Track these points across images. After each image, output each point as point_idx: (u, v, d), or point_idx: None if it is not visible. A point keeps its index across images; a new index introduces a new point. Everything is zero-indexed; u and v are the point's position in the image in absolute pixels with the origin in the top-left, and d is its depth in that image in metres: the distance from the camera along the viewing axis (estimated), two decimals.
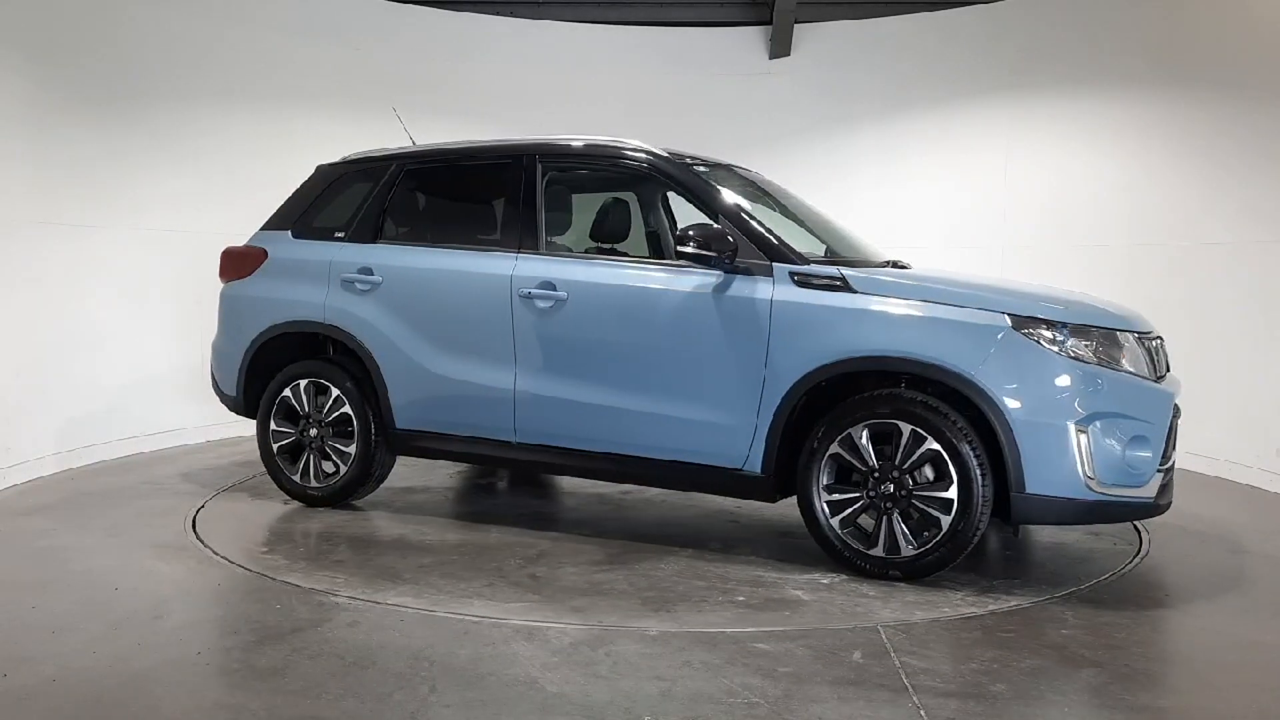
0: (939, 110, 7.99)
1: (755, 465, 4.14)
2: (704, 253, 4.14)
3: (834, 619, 3.57)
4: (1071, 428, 3.73)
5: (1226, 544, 4.77)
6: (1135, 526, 4.95)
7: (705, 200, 4.41)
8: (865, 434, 3.96)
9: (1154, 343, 4.16)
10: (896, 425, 3.90)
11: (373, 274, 4.89)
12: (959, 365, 3.81)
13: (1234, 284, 6.26)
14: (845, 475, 4.04)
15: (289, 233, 5.25)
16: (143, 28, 6.57)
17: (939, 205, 7.89)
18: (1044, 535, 4.75)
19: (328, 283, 5.01)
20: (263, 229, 5.38)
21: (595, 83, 8.34)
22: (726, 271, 4.19)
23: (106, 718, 2.75)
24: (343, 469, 5.00)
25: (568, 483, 5.80)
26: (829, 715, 2.78)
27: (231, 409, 5.41)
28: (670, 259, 4.59)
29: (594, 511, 5.20)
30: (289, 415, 5.11)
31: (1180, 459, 6.53)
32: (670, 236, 5.40)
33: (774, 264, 4.15)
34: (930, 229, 7.79)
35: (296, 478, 5.08)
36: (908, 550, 3.92)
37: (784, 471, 4.16)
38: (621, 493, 5.51)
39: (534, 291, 4.49)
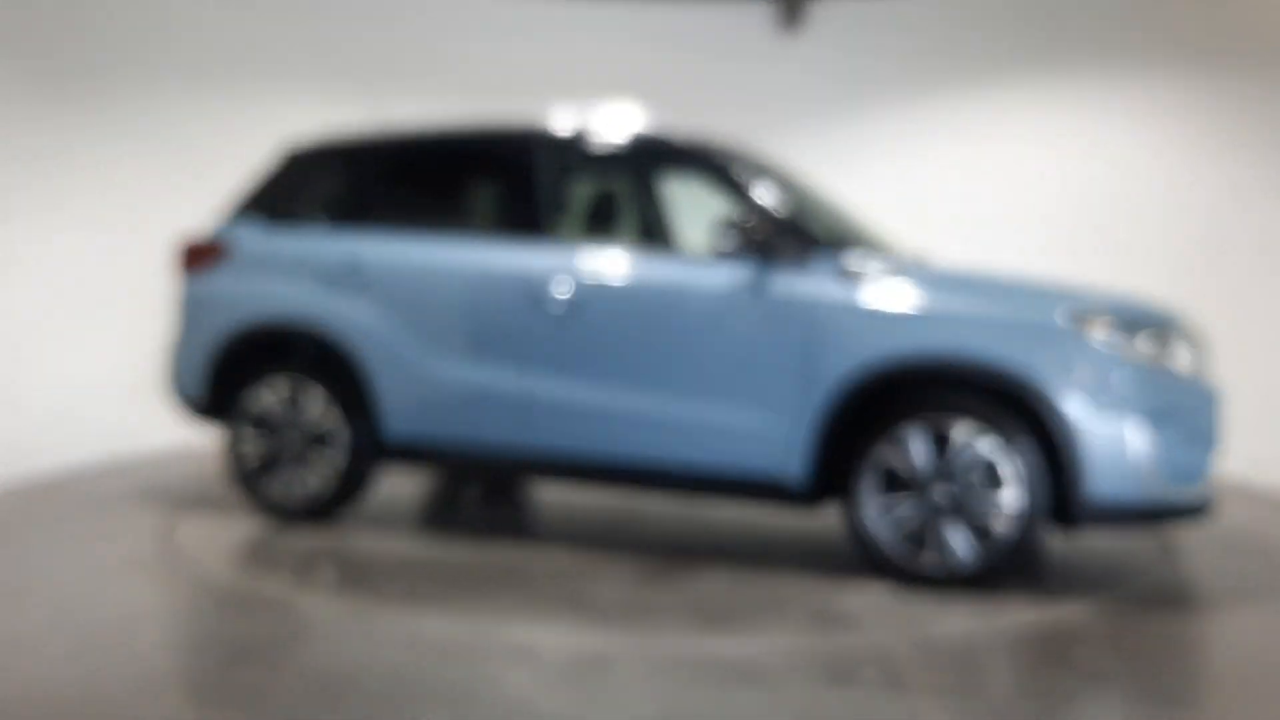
0: (958, 90, 7.73)
1: (795, 472, 3.90)
2: (746, 245, 3.92)
3: (888, 631, 3.40)
4: (1130, 427, 3.62)
5: (1229, 546, 4.60)
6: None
7: (740, 189, 4.15)
8: (917, 437, 3.76)
9: (1197, 340, 4.05)
10: (950, 428, 3.72)
11: (360, 268, 4.51)
12: (1016, 365, 3.66)
13: (1239, 283, 6.06)
14: (893, 481, 3.81)
15: (259, 222, 4.85)
16: (123, 12, 6.36)
17: (960, 193, 7.63)
18: (1061, 540, 4.57)
19: (306, 277, 4.62)
20: (227, 219, 4.94)
21: (598, 62, 8.12)
22: (765, 265, 3.96)
23: None
24: (326, 480, 4.58)
25: (546, 493, 5.50)
26: (829, 715, 2.70)
27: (194, 412, 4.90)
28: (668, 248, 4.50)
29: (588, 524, 5.03)
30: (263, 422, 4.66)
31: None
32: (665, 226, 5.13)
33: (814, 257, 3.95)
34: (950, 219, 7.52)
35: (272, 491, 4.66)
36: (963, 557, 3.72)
37: (825, 478, 3.92)
38: (616, 502, 5.32)
39: (552, 286, 4.20)
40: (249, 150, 5.30)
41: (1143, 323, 3.79)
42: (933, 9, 7.90)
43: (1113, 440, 3.61)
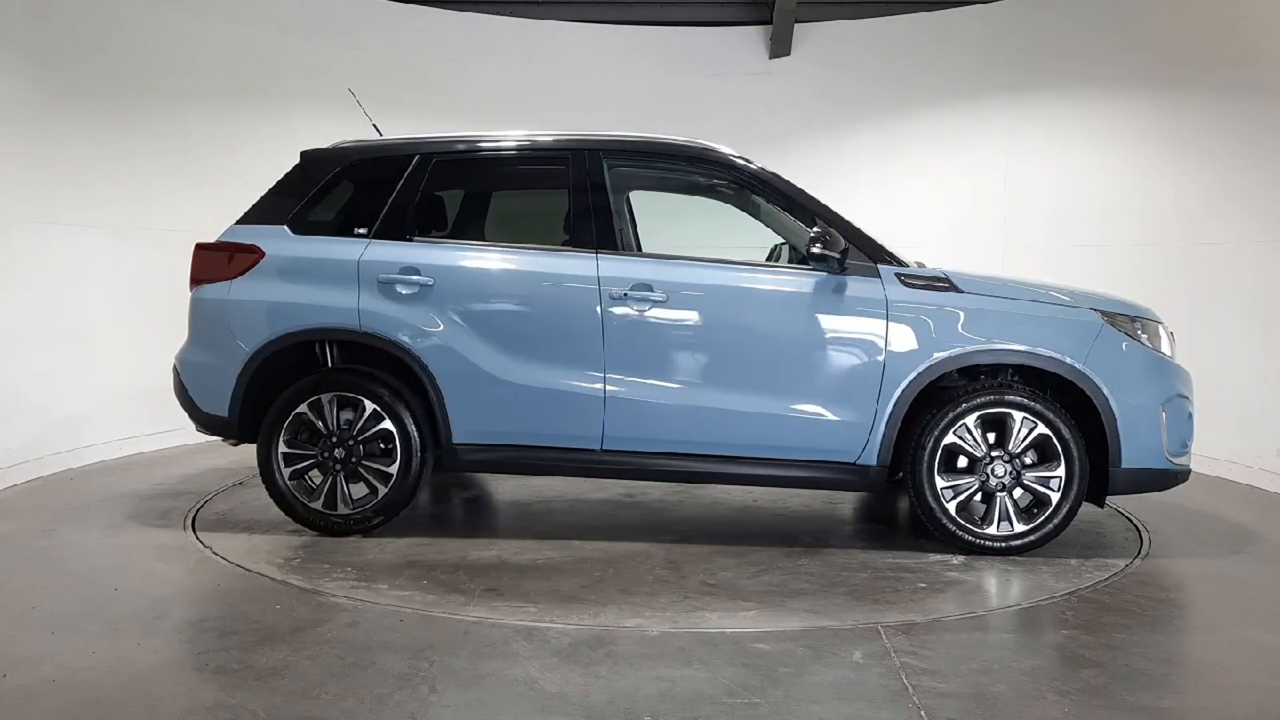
0: (939, 109, 7.99)
1: (872, 457, 4.33)
2: (829, 254, 4.26)
3: (991, 597, 3.85)
4: (1157, 407, 4.32)
5: (1226, 544, 4.77)
6: (1136, 526, 4.95)
7: (804, 204, 4.49)
8: (977, 422, 4.29)
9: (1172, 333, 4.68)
10: (1008, 413, 4.29)
11: (419, 274, 4.45)
12: (1071, 358, 4.27)
13: (1234, 283, 6.26)
14: (953, 462, 4.35)
15: (284, 228, 4.63)
16: (140, 27, 6.57)
17: (939, 205, 7.90)
18: None
19: (359, 284, 4.50)
20: (243, 223, 4.71)
21: (595, 83, 8.34)
22: (838, 273, 4.35)
23: (106, 718, 2.75)
24: (380, 491, 4.50)
25: (559, 490, 5.75)
26: (829, 715, 2.78)
27: (218, 433, 4.68)
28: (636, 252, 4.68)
29: (621, 516, 5.17)
30: (305, 435, 4.54)
31: None
32: (633, 234, 5.26)
33: (879, 265, 4.35)
34: (930, 229, 7.79)
35: (317, 504, 4.52)
36: (1019, 527, 4.33)
37: (897, 461, 4.38)
38: (625, 494, 5.49)
39: (629, 293, 4.36)
40: (262, 162, 5.44)
41: (1148, 318, 4.47)
42: (914, 31, 8.15)
43: (1144, 419, 4.29)
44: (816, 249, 4.25)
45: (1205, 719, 2.87)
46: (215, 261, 4.64)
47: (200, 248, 4.72)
